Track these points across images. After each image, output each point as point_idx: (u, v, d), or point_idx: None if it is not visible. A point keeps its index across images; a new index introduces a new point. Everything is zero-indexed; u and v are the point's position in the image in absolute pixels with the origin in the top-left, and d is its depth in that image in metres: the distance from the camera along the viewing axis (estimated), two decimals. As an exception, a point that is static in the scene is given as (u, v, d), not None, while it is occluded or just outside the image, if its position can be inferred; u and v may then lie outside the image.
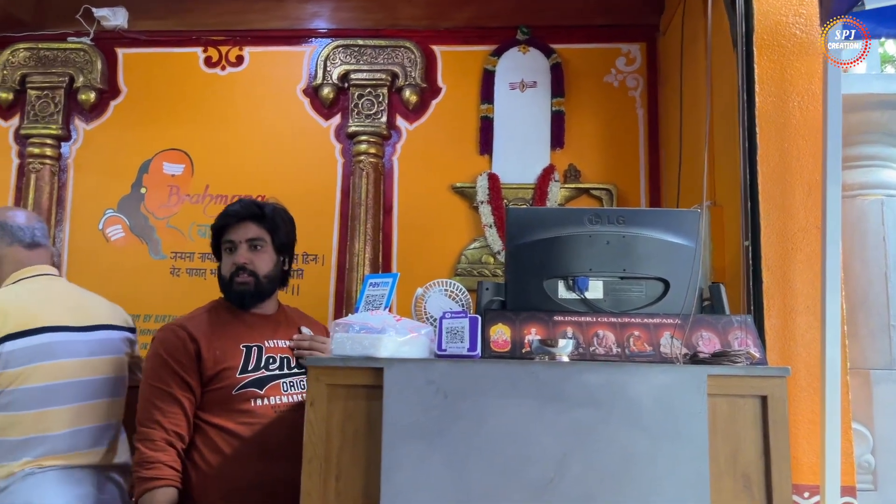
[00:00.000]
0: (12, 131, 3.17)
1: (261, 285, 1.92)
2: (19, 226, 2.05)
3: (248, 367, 1.87)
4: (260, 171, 3.12)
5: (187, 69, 3.19)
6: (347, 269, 3.03)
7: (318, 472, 1.56)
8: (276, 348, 1.93)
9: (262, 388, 1.85)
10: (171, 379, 1.81)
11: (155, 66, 3.21)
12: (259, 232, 1.93)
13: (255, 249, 1.92)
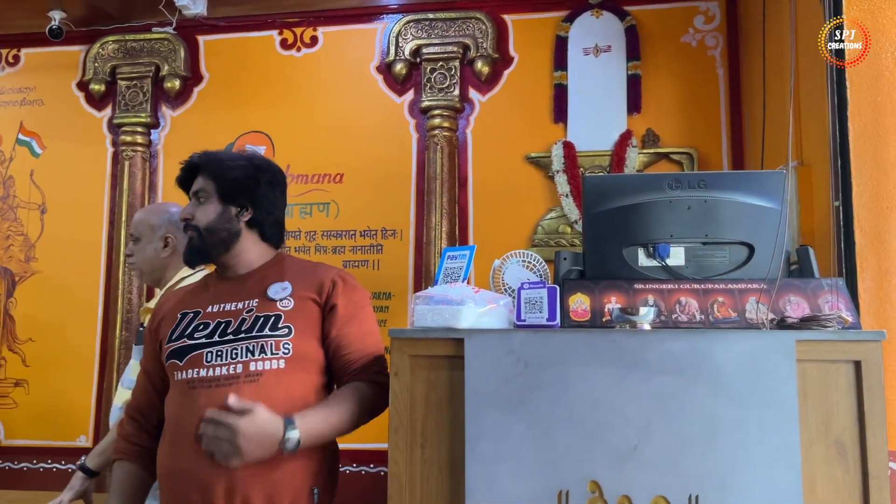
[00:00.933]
0: (106, 121, 3.33)
1: (203, 239, 1.66)
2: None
3: (174, 335, 1.62)
4: (337, 149, 3.18)
5: (264, 53, 3.27)
6: (425, 244, 3.07)
7: (404, 440, 1.60)
8: (217, 312, 1.63)
9: (182, 360, 1.58)
10: (147, 353, 1.73)
11: (234, 51, 3.30)
12: (202, 183, 1.69)
13: (200, 202, 1.68)
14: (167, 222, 2.19)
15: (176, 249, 2.17)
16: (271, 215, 1.72)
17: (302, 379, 1.60)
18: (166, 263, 2.18)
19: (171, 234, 2.18)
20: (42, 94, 3.39)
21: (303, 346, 1.61)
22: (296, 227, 3.17)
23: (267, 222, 1.71)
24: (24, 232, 3.33)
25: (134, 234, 2.21)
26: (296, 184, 3.20)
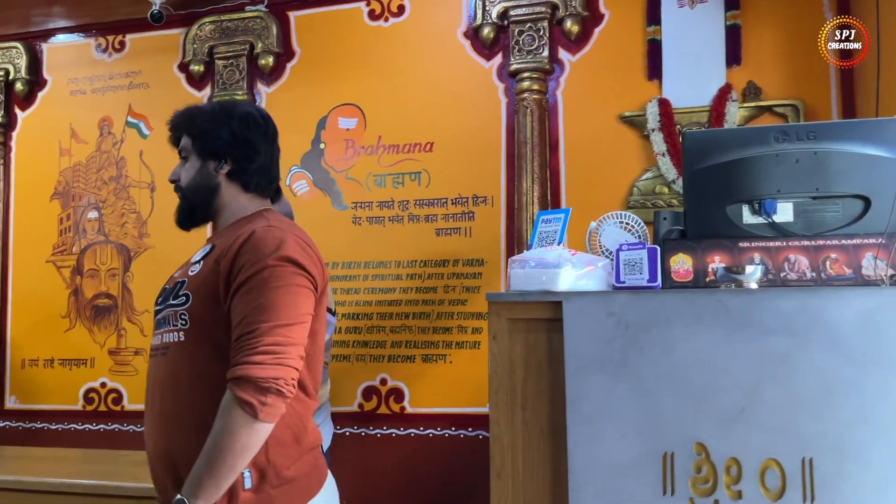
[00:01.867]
0: (206, 100, 3.45)
1: (188, 200, 1.63)
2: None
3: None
4: (427, 117, 3.19)
5: (353, 24, 3.31)
6: (516, 209, 3.05)
7: (505, 402, 1.62)
8: (177, 276, 1.56)
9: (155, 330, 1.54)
10: None
11: (324, 24, 3.35)
12: (183, 141, 1.64)
13: (184, 161, 1.64)
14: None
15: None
16: (253, 163, 1.59)
17: (206, 352, 1.40)
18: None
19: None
20: (147, 77, 3.55)
21: (199, 317, 1.42)
22: (389, 196, 3.22)
23: (249, 171, 1.58)
24: (136, 210, 3.53)
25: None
26: (387, 154, 3.24)
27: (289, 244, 1.42)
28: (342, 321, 3.22)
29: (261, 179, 1.60)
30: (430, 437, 3.10)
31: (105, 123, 3.59)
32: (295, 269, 1.40)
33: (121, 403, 3.48)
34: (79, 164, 3.63)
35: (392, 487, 3.11)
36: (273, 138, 1.66)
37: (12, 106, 3.73)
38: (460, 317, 3.11)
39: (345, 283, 3.25)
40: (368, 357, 3.20)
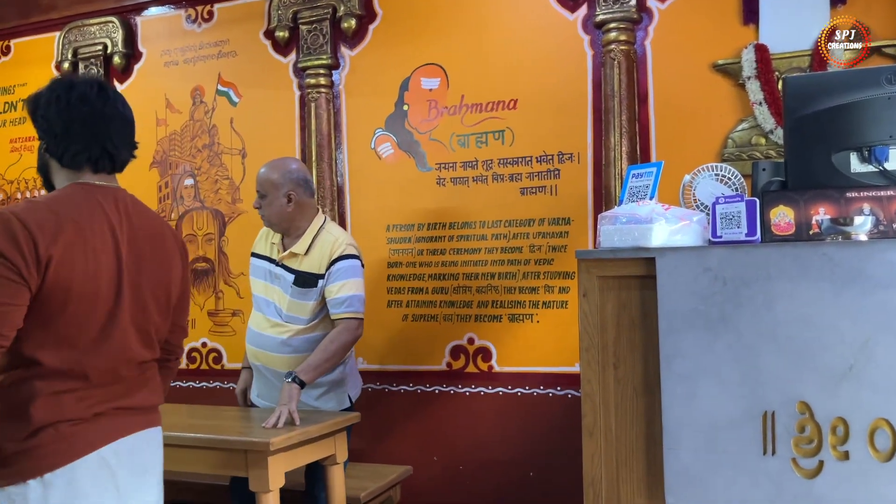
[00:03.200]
0: (291, 66, 3.52)
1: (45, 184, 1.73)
2: (311, 179, 2.66)
3: None
4: (510, 74, 3.14)
5: (434, -18, 3.27)
6: (604, 165, 2.98)
7: (596, 360, 1.61)
8: None
9: None
10: None
11: (405, -16, 3.33)
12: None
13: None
14: (288, 180, 2.54)
15: (299, 203, 2.54)
16: (49, 134, 1.59)
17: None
18: (293, 216, 2.55)
19: (293, 191, 2.53)
20: (235, 45, 3.63)
21: None
22: (472, 157, 3.21)
23: (52, 144, 1.59)
24: (229, 176, 3.64)
25: (260, 190, 2.55)
26: (470, 113, 3.21)
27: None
28: (428, 281, 3.26)
29: (60, 149, 1.59)
30: (518, 395, 3.11)
31: (197, 93, 3.71)
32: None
33: (220, 362, 3.65)
34: (174, 134, 3.77)
35: (481, 445, 3.15)
36: (77, 108, 1.59)
37: (111, 79, 3.89)
38: (546, 276, 3.08)
39: (430, 245, 3.27)
40: (455, 317, 3.22)
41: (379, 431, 3.27)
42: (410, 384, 3.30)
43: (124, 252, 1.59)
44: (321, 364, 2.46)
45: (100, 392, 1.57)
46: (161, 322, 1.71)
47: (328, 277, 2.52)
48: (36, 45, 4.08)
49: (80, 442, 1.52)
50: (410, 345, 3.30)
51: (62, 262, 1.47)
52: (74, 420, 1.52)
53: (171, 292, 1.72)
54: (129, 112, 1.71)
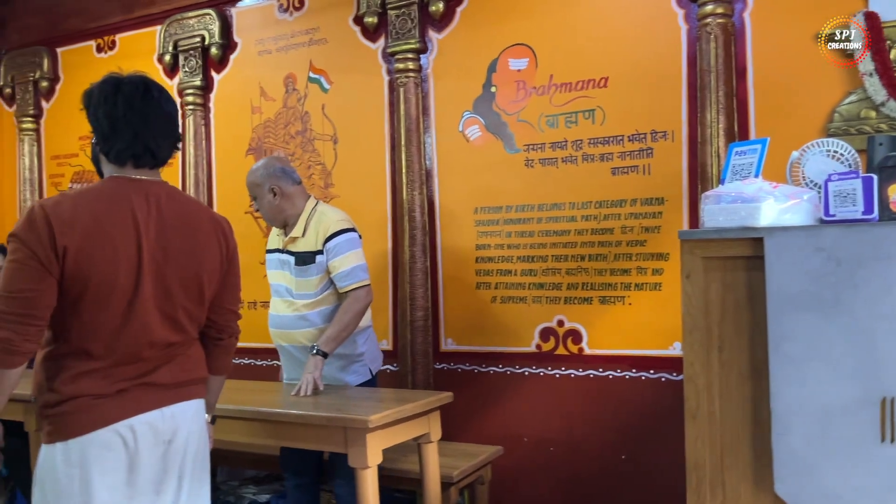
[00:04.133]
0: (380, 51, 3.56)
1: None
2: (292, 169, 2.85)
3: None
4: (600, 52, 3.08)
5: (520, -38, 3.24)
6: (699, 143, 2.89)
7: (700, 343, 1.57)
8: None
9: None
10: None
11: (491, -35, 3.31)
12: None
13: None
14: (267, 177, 2.78)
15: (283, 193, 2.77)
16: (98, 131, 1.74)
17: None
18: (282, 206, 2.78)
19: (275, 184, 2.76)
20: (325, 33, 3.71)
21: None
22: (562, 137, 3.17)
23: (101, 141, 1.74)
24: (321, 161, 3.73)
25: (251, 195, 2.82)
26: (559, 93, 3.18)
27: (22, 219, 1.61)
28: (517, 263, 3.25)
29: (107, 146, 1.73)
30: (609, 378, 3.08)
31: (290, 80, 3.81)
32: (15, 245, 1.59)
33: (315, 342, 3.76)
34: (268, 121, 3.88)
35: (571, 427, 3.14)
36: (122, 109, 1.70)
37: (209, 70, 4.04)
38: (639, 258, 3.03)
39: (518, 227, 3.26)
40: (545, 299, 3.21)
41: (469, 412, 3.30)
42: (500, 366, 3.31)
43: (147, 242, 1.69)
44: (339, 334, 2.68)
45: (122, 370, 1.71)
46: (193, 307, 1.80)
47: (327, 254, 2.73)
48: (139, 39, 4.28)
49: (98, 415, 1.67)
50: (499, 327, 3.32)
51: (80, 252, 1.60)
52: (96, 395, 1.68)
53: (202, 279, 1.80)
54: (173, 108, 1.83)
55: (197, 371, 1.88)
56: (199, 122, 4.05)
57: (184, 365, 1.83)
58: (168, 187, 1.81)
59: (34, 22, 4.62)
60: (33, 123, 4.65)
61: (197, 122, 4.04)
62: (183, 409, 1.81)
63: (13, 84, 4.67)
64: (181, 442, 1.79)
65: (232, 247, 1.90)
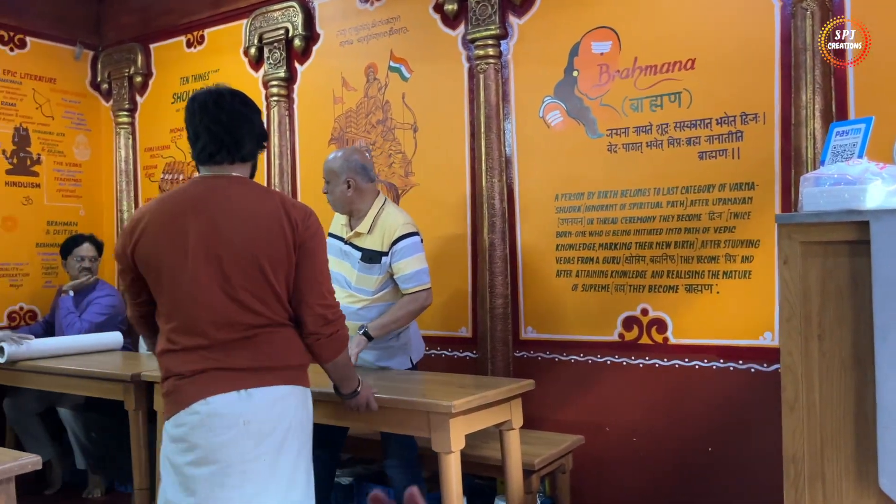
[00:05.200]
0: (460, 38, 3.55)
1: None
2: (371, 167, 2.93)
3: None
4: (687, 32, 2.99)
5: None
6: (793, 125, 2.77)
7: (798, 331, 1.51)
8: None
9: None
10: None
11: (573, -53, 3.25)
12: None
13: None
14: (347, 168, 2.84)
15: (358, 189, 2.85)
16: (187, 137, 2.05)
17: None
18: (352, 199, 2.86)
19: (352, 178, 2.84)
20: (405, 21, 3.72)
21: None
22: (646, 121, 3.10)
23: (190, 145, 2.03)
24: (401, 150, 3.77)
25: (325, 178, 2.90)
26: (644, 76, 3.10)
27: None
28: (599, 251, 3.20)
29: (193, 152, 2.00)
30: (695, 368, 3.01)
31: (371, 70, 3.85)
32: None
33: (396, 328, 3.80)
34: (350, 111, 3.94)
35: (656, 418, 3.08)
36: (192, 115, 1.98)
37: (292, 61, 4.13)
38: (728, 245, 2.93)
39: (601, 213, 3.21)
40: (628, 287, 3.16)
41: (550, 400, 3.28)
42: (581, 354, 3.28)
43: (197, 228, 1.87)
44: (389, 325, 2.81)
45: (199, 353, 1.87)
46: (259, 289, 1.89)
47: (392, 256, 2.82)
48: (226, 33, 4.41)
49: (181, 396, 1.87)
50: (581, 315, 3.28)
51: (141, 245, 1.91)
52: (179, 375, 1.88)
53: (262, 263, 1.88)
54: (248, 110, 2.00)
55: (280, 357, 1.93)
56: (282, 112, 4.15)
57: (264, 349, 1.90)
58: (235, 179, 1.97)
59: (128, 20, 4.83)
60: (128, 117, 4.87)
61: (281, 113, 4.14)
62: (263, 394, 1.88)
63: (109, 80, 4.90)
64: (257, 425, 1.86)
65: (303, 236, 1.94)
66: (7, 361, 3.16)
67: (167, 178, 4.72)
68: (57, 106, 4.77)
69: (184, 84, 4.61)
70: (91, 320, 3.98)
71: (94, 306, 4.05)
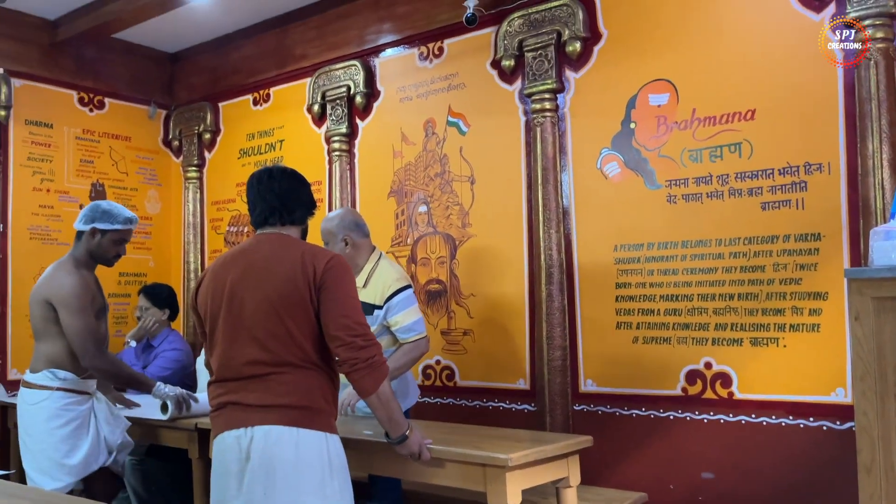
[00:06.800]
0: (517, 93, 3.61)
1: None
2: (364, 223, 3.10)
3: None
4: (746, 83, 2.98)
5: None
6: (860, 175, 2.71)
7: (873, 389, 1.46)
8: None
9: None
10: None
11: (630, 2, 3.29)
12: None
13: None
14: (342, 227, 3.02)
15: (354, 243, 3.02)
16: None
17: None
18: (351, 255, 2.98)
19: (348, 235, 3.01)
20: (463, 77, 3.81)
21: None
22: (706, 171, 3.07)
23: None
24: (459, 202, 3.82)
25: (324, 240, 3.03)
26: (703, 127, 3.09)
27: None
28: (660, 302, 3.16)
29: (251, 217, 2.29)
30: (763, 425, 2.90)
31: (429, 125, 3.94)
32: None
33: (453, 379, 3.80)
34: (409, 164, 4.03)
35: (722, 476, 2.98)
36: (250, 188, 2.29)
37: (354, 117, 4.26)
38: (794, 297, 2.85)
39: (661, 264, 3.17)
40: (690, 339, 3.09)
41: (611, 455, 3.21)
42: (643, 408, 3.21)
43: (235, 275, 2.13)
44: (392, 371, 2.80)
45: (223, 388, 2.11)
46: (276, 329, 2.05)
47: (388, 311, 2.97)
48: (291, 91, 4.59)
49: (214, 428, 2.15)
50: (642, 368, 3.22)
51: (199, 294, 2.23)
52: (213, 408, 2.16)
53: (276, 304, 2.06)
54: (297, 183, 2.30)
55: (288, 397, 2.05)
56: (344, 166, 4.26)
57: (274, 389, 2.05)
58: (275, 235, 2.22)
59: (199, 80, 5.07)
60: (197, 172, 5.08)
61: (342, 167, 4.26)
62: (265, 432, 2.02)
63: (180, 137, 5.13)
64: (257, 462, 2.00)
65: (321, 278, 2.09)
66: (169, 419, 3.11)
67: (232, 230, 4.87)
68: (131, 162, 5.01)
69: (250, 140, 4.80)
70: (156, 374, 3.93)
71: (160, 360, 4.10)
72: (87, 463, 3.03)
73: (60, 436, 2.97)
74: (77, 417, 3.02)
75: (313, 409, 2.08)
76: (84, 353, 2.93)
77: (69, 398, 3.01)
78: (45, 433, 2.96)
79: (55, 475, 2.95)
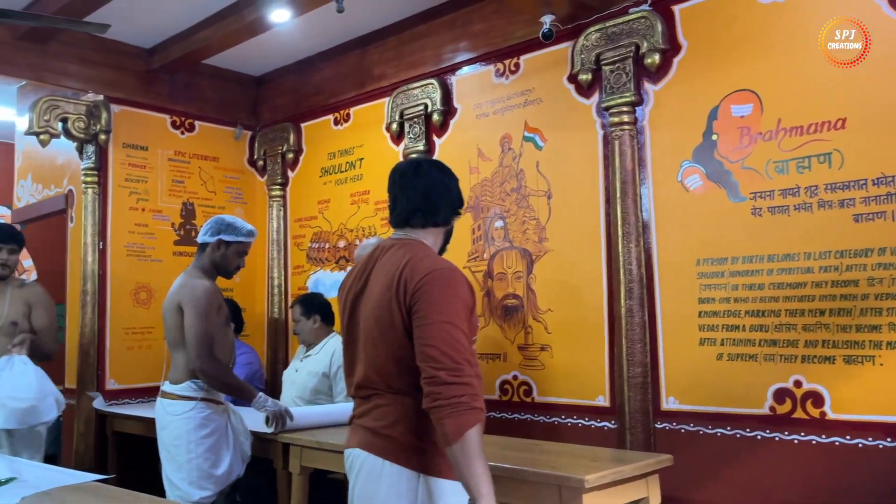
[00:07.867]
0: (594, 106, 3.59)
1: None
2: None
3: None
4: (835, 91, 2.87)
5: (743, 7, 3.13)
6: (963, 184, 2.57)
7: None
8: None
9: None
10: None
11: (710, 13, 3.23)
12: None
13: None
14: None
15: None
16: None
17: None
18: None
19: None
20: (539, 93, 3.82)
21: None
22: (793, 183, 2.97)
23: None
24: (535, 217, 3.81)
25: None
26: (789, 137, 2.99)
27: None
28: (745, 318, 3.06)
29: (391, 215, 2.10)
30: (858, 447, 2.77)
31: (505, 140, 3.96)
32: None
33: (531, 395, 3.78)
34: (485, 180, 4.05)
35: (814, 500, 2.84)
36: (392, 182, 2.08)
37: (431, 134, 4.32)
38: (891, 313, 2.72)
39: (746, 279, 3.08)
40: (778, 357, 2.98)
41: (695, 475, 3.12)
42: (728, 427, 3.11)
43: (355, 288, 2.00)
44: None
45: (356, 403, 2.01)
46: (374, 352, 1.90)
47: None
48: (370, 110, 4.70)
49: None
50: (727, 386, 3.12)
51: (339, 303, 2.11)
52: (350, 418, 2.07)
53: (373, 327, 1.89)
54: (445, 177, 2.08)
55: (387, 427, 1.87)
56: (422, 183, 4.32)
57: (377, 413, 1.91)
58: (403, 241, 1.98)
59: (282, 102, 5.25)
60: (280, 191, 5.25)
61: (420, 184, 4.31)
62: (360, 457, 1.91)
63: (265, 157, 5.32)
64: (353, 483, 1.93)
65: (412, 298, 1.80)
66: (273, 433, 3.18)
67: (314, 246, 5.01)
68: (219, 182, 5.23)
69: (331, 159, 4.93)
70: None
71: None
72: (230, 473, 3.11)
73: (207, 446, 3.04)
74: (220, 428, 3.10)
75: (410, 446, 1.84)
76: (198, 355, 2.98)
77: (211, 408, 3.09)
78: (193, 443, 3.02)
79: (204, 485, 3.01)
